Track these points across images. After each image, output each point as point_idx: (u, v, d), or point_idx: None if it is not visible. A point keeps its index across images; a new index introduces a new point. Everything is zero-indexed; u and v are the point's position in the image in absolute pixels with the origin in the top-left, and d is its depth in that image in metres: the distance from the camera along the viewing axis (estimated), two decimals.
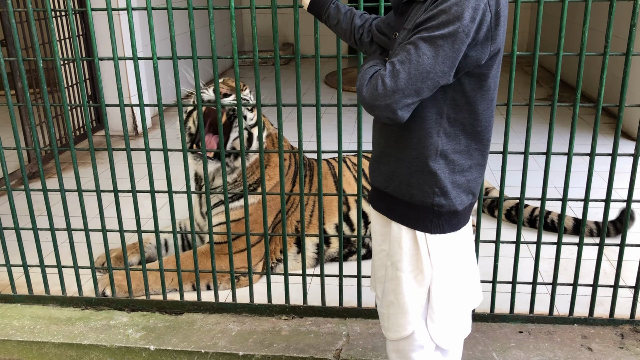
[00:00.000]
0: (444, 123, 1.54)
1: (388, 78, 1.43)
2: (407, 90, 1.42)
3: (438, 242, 1.64)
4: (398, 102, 1.43)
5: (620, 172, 2.62)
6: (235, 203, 2.99)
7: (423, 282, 1.65)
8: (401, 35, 1.56)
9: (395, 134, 1.61)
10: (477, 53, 1.45)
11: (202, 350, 2.49)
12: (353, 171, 3.30)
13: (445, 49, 1.39)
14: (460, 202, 1.62)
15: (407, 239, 1.65)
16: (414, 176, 1.60)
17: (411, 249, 1.65)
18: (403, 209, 1.65)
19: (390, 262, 1.70)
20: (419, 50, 1.40)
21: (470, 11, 1.38)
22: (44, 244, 2.92)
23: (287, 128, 2.63)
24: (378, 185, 1.72)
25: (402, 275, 1.67)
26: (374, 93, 1.45)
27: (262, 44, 9.29)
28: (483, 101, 1.55)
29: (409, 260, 1.66)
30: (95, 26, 2.40)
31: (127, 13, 2.32)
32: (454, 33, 1.38)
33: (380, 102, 1.44)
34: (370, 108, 1.49)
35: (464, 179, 1.61)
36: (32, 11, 2.38)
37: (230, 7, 2.25)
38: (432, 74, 1.41)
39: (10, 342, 2.61)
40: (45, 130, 4.81)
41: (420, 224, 1.63)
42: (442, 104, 1.53)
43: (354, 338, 2.54)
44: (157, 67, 2.36)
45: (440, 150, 1.55)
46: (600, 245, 2.48)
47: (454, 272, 1.68)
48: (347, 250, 3.18)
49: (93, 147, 2.57)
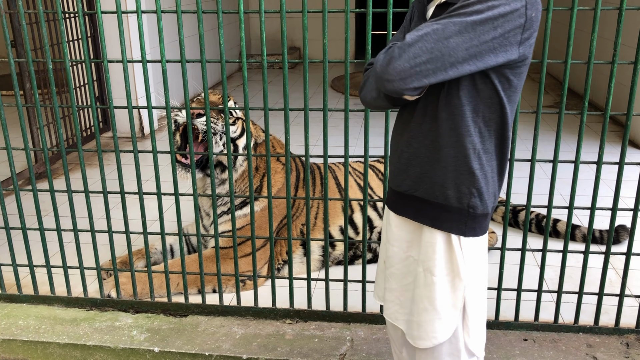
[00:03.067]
0: (480, 122, 1.52)
1: (406, 50, 1.38)
2: (425, 68, 1.38)
3: (471, 245, 1.60)
4: (413, 78, 1.39)
5: (628, 181, 2.62)
6: (238, 212, 2.99)
7: (459, 285, 1.61)
8: None
9: (430, 133, 1.56)
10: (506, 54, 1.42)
11: (206, 353, 2.49)
12: (353, 175, 3.31)
13: (472, 36, 1.36)
14: (491, 204, 1.60)
15: (440, 242, 1.61)
16: (450, 177, 1.55)
17: (446, 253, 1.61)
18: (435, 211, 1.60)
19: (423, 268, 1.65)
20: (445, 31, 1.37)
21: (506, 8, 1.36)
22: (50, 245, 2.93)
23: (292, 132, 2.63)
24: (405, 189, 1.66)
25: (437, 280, 1.62)
26: (388, 64, 1.40)
27: (269, 47, 9.31)
28: (511, 104, 1.53)
29: (444, 264, 1.61)
30: (105, 28, 2.41)
31: (137, 16, 2.33)
32: (484, 22, 1.36)
33: (393, 76, 1.40)
34: (381, 82, 1.44)
35: (492, 181, 1.59)
36: (42, 13, 2.40)
37: (239, 12, 2.26)
38: (452, 57, 1.37)
39: (15, 342, 2.62)
40: (53, 131, 4.83)
41: (454, 227, 1.58)
42: (479, 101, 1.50)
43: (358, 343, 2.54)
44: (165, 69, 2.37)
45: (478, 149, 1.53)
46: (607, 254, 2.47)
47: (483, 277, 1.66)
48: (352, 253, 3.18)
49: (100, 149, 2.58)
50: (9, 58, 2.51)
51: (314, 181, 3.21)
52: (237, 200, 3.01)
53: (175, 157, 2.72)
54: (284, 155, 2.64)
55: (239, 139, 2.93)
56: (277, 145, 3.14)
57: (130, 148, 2.46)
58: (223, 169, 2.94)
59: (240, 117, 2.94)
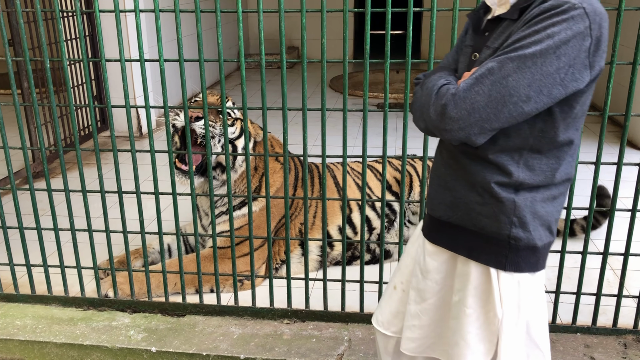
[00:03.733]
0: (527, 154, 1.37)
1: (462, 97, 1.27)
2: (485, 113, 1.26)
3: (512, 282, 1.44)
4: (473, 126, 1.28)
5: (625, 181, 2.62)
6: (237, 212, 2.99)
7: (494, 321, 1.46)
8: (484, 54, 1.40)
9: (469, 157, 1.42)
10: (575, 82, 1.28)
11: (203, 353, 2.49)
12: (352, 175, 3.31)
13: (533, 70, 1.24)
14: (539, 236, 1.42)
15: (476, 274, 1.47)
16: (487, 204, 1.41)
17: (481, 285, 1.46)
18: (472, 240, 1.46)
19: (458, 298, 1.52)
20: (503, 69, 1.25)
21: (567, 33, 1.23)
22: (48, 244, 2.92)
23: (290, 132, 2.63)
24: (440, 215, 1.53)
25: (470, 313, 1.49)
26: (443, 114, 1.29)
27: (267, 47, 9.29)
28: (568, 131, 1.37)
29: (479, 296, 1.47)
30: (103, 27, 2.40)
31: (135, 15, 2.33)
32: (544, 54, 1.23)
33: (451, 125, 1.28)
34: (437, 130, 1.32)
35: (544, 211, 1.42)
36: (40, 11, 2.39)
37: (238, 11, 2.25)
38: (514, 97, 1.25)
39: (12, 342, 2.61)
40: (51, 130, 4.82)
41: (493, 259, 1.43)
42: (528, 134, 1.35)
43: (356, 343, 2.53)
44: (163, 69, 2.36)
45: (521, 181, 1.38)
46: (604, 254, 2.47)
47: (531, 317, 1.49)
48: (351, 254, 3.17)
49: (98, 148, 2.57)
50: (6, 57, 2.50)
51: (312, 180, 3.21)
52: (236, 200, 3.01)
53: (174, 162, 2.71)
54: (283, 155, 2.64)
55: (237, 139, 2.92)
56: (275, 145, 3.13)
57: (128, 147, 2.46)
58: (223, 170, 2.94)
59: (238, 118, 2.94)
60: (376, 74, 7.26)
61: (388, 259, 3.23)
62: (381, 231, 2.55)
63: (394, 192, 3.30)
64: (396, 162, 3.38)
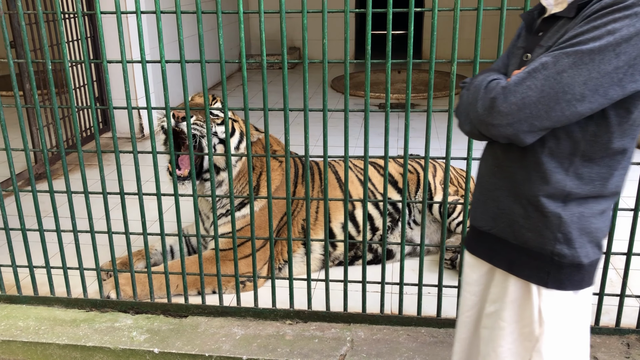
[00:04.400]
0: (577, 161, 1.29)
1: (513, 90, 1.20)
2: (536, 110, 1.19)
3: (553, 300, 1.37)
4: (523, 123, 1.21)
5: (630, 181, 2.60)
6: (236, 213, 2.98)
7: (531, 337, 1.40)
8: (536, 54, 1.34)
9: (515, 164, 1.35)
10: (635, 84, 1.21)
11: (206, 354, 2.49)
12: (354, 171, 3.31)
13: (590, 68, 1.17)
14: (585, 253, 1.36)
15: (514, 288, 1.41)
16: (531, 217, 1.34)
17: (519, 299, 1.41)
18: (512, 254, 1.39)
19: (493, 309, 1.46)
20: (558, 64, 1.18)
21: (629, 30, 1.15)
22: (50, 245, 2.92)
23: (292, 132, 2.62)
24: (481, 225, 1.47)
25: (505, 326, 1.43)
26: (492, 107, 1.23)
27: (268, 48, 9.31)
28: (623, 139, 1.29)
29: (515, 310, 1.42)
30: (104, 29, 2.41)
31: (136, 16, 2.33)
32: (603, 50, 1.16)
33: (499, 120, 1.22)
34: (484, 126, 1.26)
35: (593, 226, 1.35)
36: (42, 13, 2.39)
37: (239, 12, 2.25)
38: (568, 94, 1.18)
39: (15, 343, 2.61)
40: (53, 132, 4.83)
41: (534, 275, 1.37)
42: (580, 137, 1.27)
43: (358, 344, 2.53)
44: (165, 70, 2.36)
45: (569, 191, 1.31)
46: (607, 254, 2.47)
47: (566, 341, 1.42)
48: (353, 253, 3.17)
49: (100, 149, 2.58)
50: (8, 59, 2.51)
51: (313, 177, 3.20)
52: (235, 201, 3.01)
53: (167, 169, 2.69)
54: (283, 156, 2.63)
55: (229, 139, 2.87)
56: (273, 143, 3.12)
57: (129, 149, 2.45)
58: (217, 171, 2.91)
59: (230, 118, 2.90)
60: (377, 74, 7.26)
61: (391, 259, 3.22)
62: (383, 230, 2.55)
63: (399, 189, 3.28)
64: (402, 160, 3.38)
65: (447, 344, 2.50)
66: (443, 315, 2.63)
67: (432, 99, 2.27)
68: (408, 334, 2.59)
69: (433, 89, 2.27)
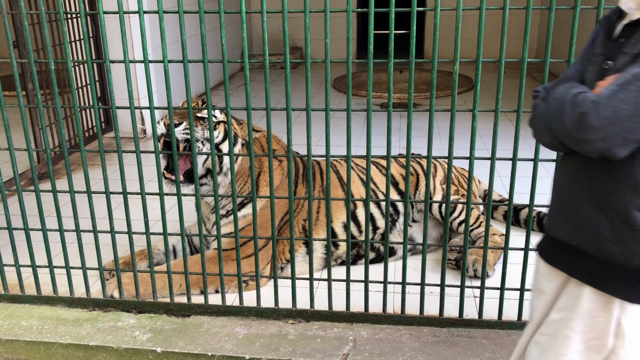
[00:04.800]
0: None
1: (604, 104, 1.15)
2: (630, 123, 1.14)
3: (636, 314, 1.33)
4: (616, 137, 1.16)
5: None
6: (238, 213, 2.98)
7: (602, 349, 1.37)
8: (620, 61, 1.28)
9: (601, 175, 1.30)
10: None
11: (208, 353, 2.49)
12: (356, 170, 3.30)
13: None
14: None
15: (589, 299, 1.36)
16: (618, 230, 1.29)
17: (593, 311, 1.36)
18: (594, 267, 1.35)
19: (559, 317, 1.43)
20: None
21: None
22: (53, 245, 2.93)
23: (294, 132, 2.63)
24: (559, 235, 1.42)
25: (572, 336, 1.39)
26: (582, 123, 1.17)
27: (271, 47, 9.30)
28: None
29: (586, 321, 1.38)
30: (107, 29, 2.41)
31: (139, 16, 2.33)
32: None
33: (591, 135, 1.16)
34: (574, 141, 1.21)
35: None
36: (44, 13, 2.40)
37: (241, 12, 2.26)
38: None
39: (18, 342, 2.62)
40: (55, 132, 4.84)
41: (619, 289, 1.32)
42: None
43: (361, 343, 2.53)
44: (167, 70, 2.37)
45: None
46: None
47: None
48: (355, 252, 3.17)
49: (103, 149, 2.58)
50: (11, 59, 2.51)
51: (314, 176, 3.20)
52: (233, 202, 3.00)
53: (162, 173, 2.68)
54: (284, 155, 2.64)
55: (222, 143, 2.87)
56: (272, 142, 3.12)
57: (132, 148, 2.46)
58: (212, 174, 2.89)
59: (221, 121, 2.88)
60: (380, 74, 7.26)
61: (392, 256, 3.23)
62: (386, 230, 2.55)
63: (399, 190, 3.29)
64: (403, 160, 3.38)
65: (449, 344, 2.50)
66: (445, 314, 2.63)
67: (434, 99, 2.28)
68: (411, 334, 2.59)
69: (435, 89, 2.27)
